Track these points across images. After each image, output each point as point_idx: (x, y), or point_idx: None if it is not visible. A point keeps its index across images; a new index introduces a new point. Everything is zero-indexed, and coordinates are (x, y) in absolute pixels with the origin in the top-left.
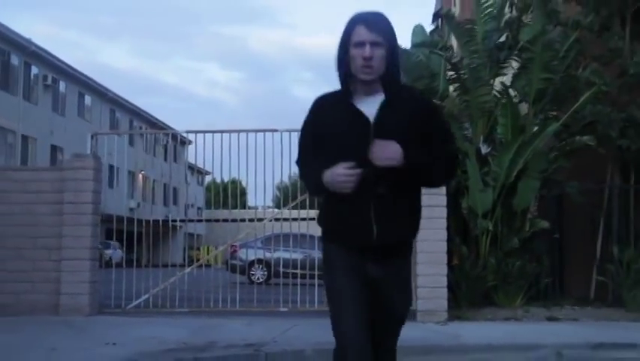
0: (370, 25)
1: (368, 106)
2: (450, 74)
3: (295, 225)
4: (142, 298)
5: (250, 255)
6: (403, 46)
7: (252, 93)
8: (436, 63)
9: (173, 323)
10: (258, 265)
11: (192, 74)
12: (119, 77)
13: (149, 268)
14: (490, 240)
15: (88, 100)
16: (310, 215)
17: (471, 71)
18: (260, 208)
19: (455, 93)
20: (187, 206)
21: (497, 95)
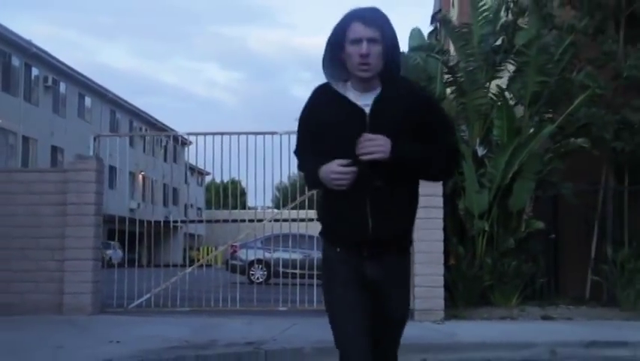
0: (367, 21)
1: (364, 97)
2: (447, 77)
3: (294, 225)
4: (144, 298)
5: (250, 255)
6: (401, 49)
7: (251, 93)
8: (433, 66)
9: (175, 322)
10: (258, 265)
11: (191, 74)
12: (118, 77)
13: (150, 268)
14: (486, 240)
15: (88, 101)
16: (309, 215)
17: (467, 74)
18: (259, 209)
19: (452, 96)
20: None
21: (493, 97)
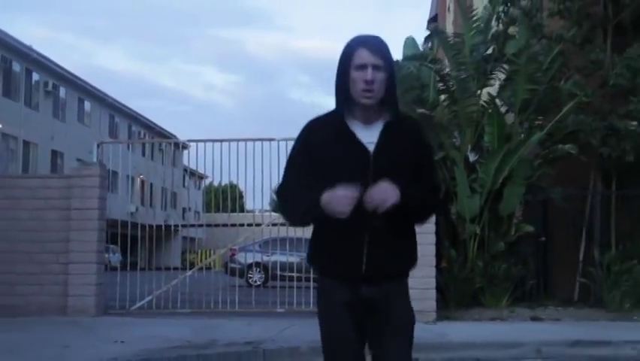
0: (372, 47)
1: (366, 131)
2: (439, 85)
3: (291, 229)
4: (145, 300)
5: (248, 258)
6: (395, 58)
7: (249, 96)
8: (426, 75)
9: (176, 323)
10: (256, 269)
11: (189, 77)
12: (115, 79)
13: (148, 271)
14: (477, 243)
15: (87, 105)
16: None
17: (459, 82)
18: (257, 212)
19: (445, 103)
20: (185, 210)
21: (484, 105)
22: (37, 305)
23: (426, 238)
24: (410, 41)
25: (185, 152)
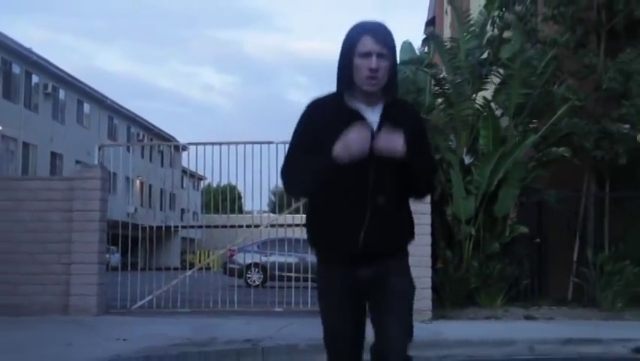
0: (377, 36)
1: (367, 113)
2: (435, 89)
3: (289, 230)
4: (146, 300)
5: (247, 259)
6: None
7: (247, 97)
8: (422, 79)
9: (176, 322)
10: (255, 269)
11: (187, 78)
12: (113, 81)
13: (148, 271)
14: (472, 244)
15: (86, 107)
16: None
17: (454, 86)
18: (255, 213)
19: (440, 107)
20: (183, 211)
21: (479, 108)
22: (40, 305)
23: (422, 239)
24: (407, 46)
25: (183, 153)
